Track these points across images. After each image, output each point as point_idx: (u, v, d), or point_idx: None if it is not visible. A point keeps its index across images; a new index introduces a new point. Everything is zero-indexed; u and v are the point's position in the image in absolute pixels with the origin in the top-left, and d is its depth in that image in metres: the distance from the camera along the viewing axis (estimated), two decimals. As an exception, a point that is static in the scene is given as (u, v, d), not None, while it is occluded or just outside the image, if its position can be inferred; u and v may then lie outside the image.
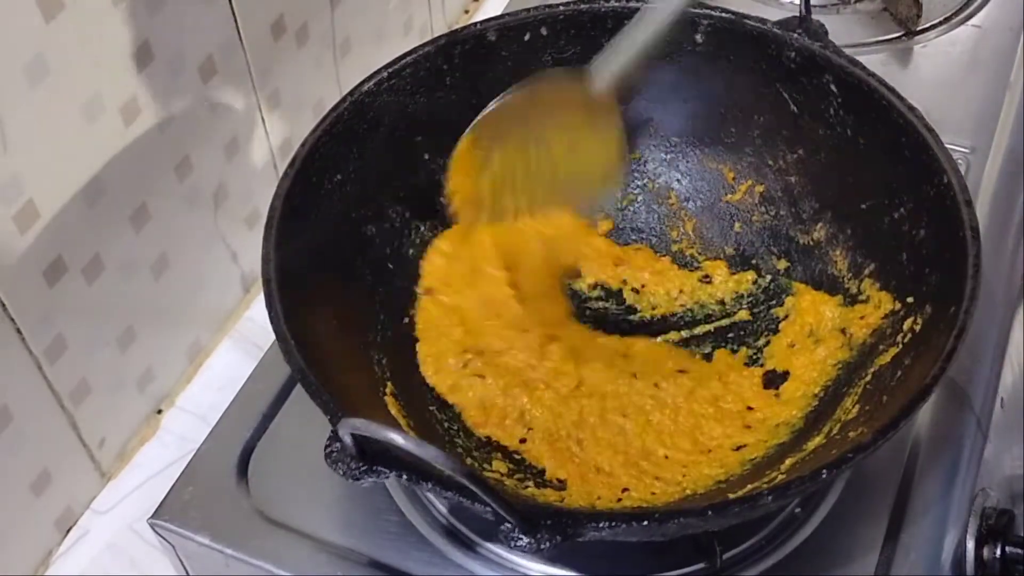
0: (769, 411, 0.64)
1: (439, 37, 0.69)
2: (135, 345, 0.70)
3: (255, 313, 0.79)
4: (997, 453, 0.68)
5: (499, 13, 0.70)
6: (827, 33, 0.66)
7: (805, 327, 0.67)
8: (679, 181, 0.74)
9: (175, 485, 0.66)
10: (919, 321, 0.60)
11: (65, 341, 0.64)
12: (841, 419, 0.60)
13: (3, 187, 0.57)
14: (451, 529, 0.63)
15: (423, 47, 0.68)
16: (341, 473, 0.48)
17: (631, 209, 0.74)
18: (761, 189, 0.71)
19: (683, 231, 0.74)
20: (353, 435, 0.47)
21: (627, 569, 0.61)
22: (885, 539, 0.62)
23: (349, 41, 0.83)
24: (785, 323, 0.68)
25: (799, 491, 0.51)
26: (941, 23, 0.92)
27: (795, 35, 0.66)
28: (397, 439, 0.44)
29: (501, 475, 0.62)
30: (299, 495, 0.65)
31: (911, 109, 0.62)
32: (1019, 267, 0.75)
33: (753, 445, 0.63)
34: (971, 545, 0.62)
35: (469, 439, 0.64)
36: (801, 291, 0.69)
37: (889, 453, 0.64)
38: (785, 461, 0.60)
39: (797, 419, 0.63)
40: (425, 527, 0.63)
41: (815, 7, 0.66)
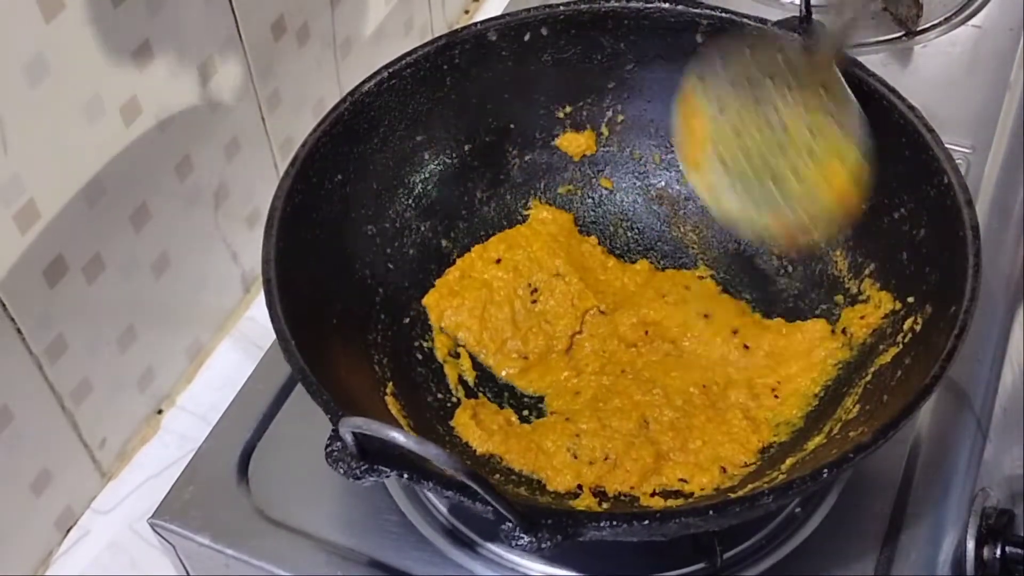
0: (769, 411, 0.64)
1: (439, 37, 0.69)
2: (135, 345, 0.70)
3: (255, 313, 0.79)
4: (997, 453, 0.68)
5: (499, 13, 0.70)
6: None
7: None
8: (679, 182, 0.74)
9: (175, 485, 0.66)
10: (919, 321, 0.60)
11: (65, 341, 0.64)
12: (841, 419, 0.60)
13: (3, 187, 0.57)
14: (451, 529, 0.63)
15: (423, 47, 0.68)
16: (342, 472, 0.48)
17: (631, 210, 0.74)
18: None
19: (683, 231, 0.74)
20: (354, 434, 0.47)
21: (628, 569, 0.61)
22: (885, 539, 0.62)
23: (349, 41, 0.83)
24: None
25: (800, 491, 0.51)
26: (941, 23, 0.92)
27: (795, 35, 0.66)
28: (399, 438, 0.44)
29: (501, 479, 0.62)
30: (299, 495, 0.65)
31: (911, 109, 0.62)
32: (1019, 267, 0.75)
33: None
34: (971, 545, 0.62)
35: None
36: None
37: (889, 453, 0.64)
38: (786, 461, 0.60)
39: (797, 419, 0.63)
40: (425, 527, 0.63)
41: (815, 7, 0.66)
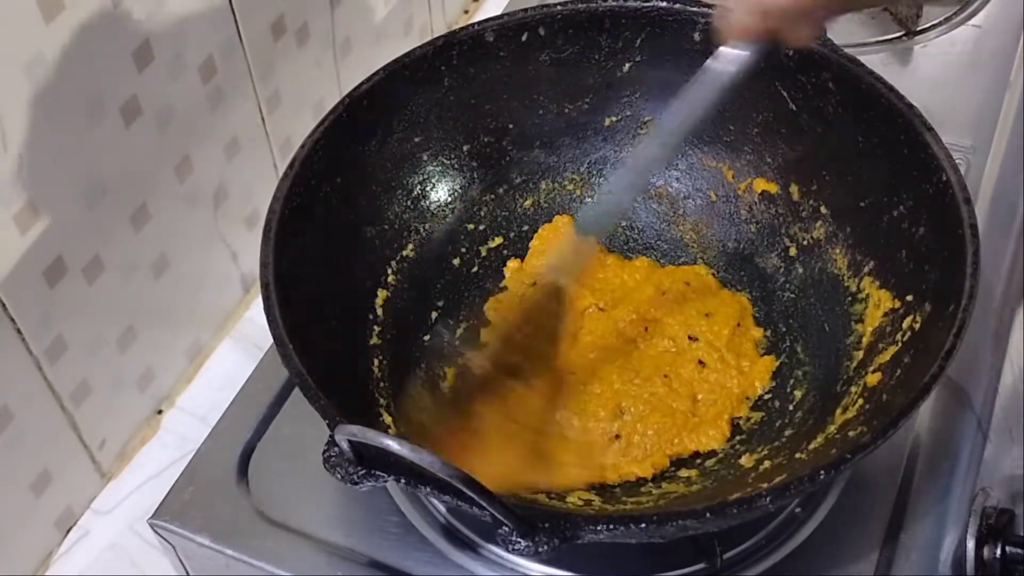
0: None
1: (437, 38, 0.69)
2: (135, 345, 0.70)
3: (255, 313, 0.79)
4: (997, 453, 0.68)
5: (498, 13, 0.70)
6: (826, 32, 0.66)
7: None
8: (678, 180, 0.74)
9: (175, 485, 0.66)
10: (918, 319, 0.60)
11: (65, 341, 0.64)
12: (841, 418, 0.60)
13: (3, 187, 0.57)
14: (451, 529, 0.63)
15: (422, 48, 0.68)
16: (339, 478, 0.48)
17: (631, 209, 0.74)
18: (760, 187, 0.71)
19: (683, 229, 0.74)
20: (350, 440, 0.47)
21: (627, 569, 0.61)
22: (885, 539, 0.62)
23: (349, 41, 0.83)
24: None
25: (799, 491, 0.51)
26: (941, 23, 0.92)
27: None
28: (392, 445, 0.44)
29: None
30: (299, 495, 0.65)
31: (910, 107, 0.62)
32: (1019, 266, 0.75)
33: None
34: (971, 545, 0.61)
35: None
36: None
37: (889, 453, 0.64)
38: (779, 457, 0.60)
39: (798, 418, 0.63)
40: (425, 527, 0.63)
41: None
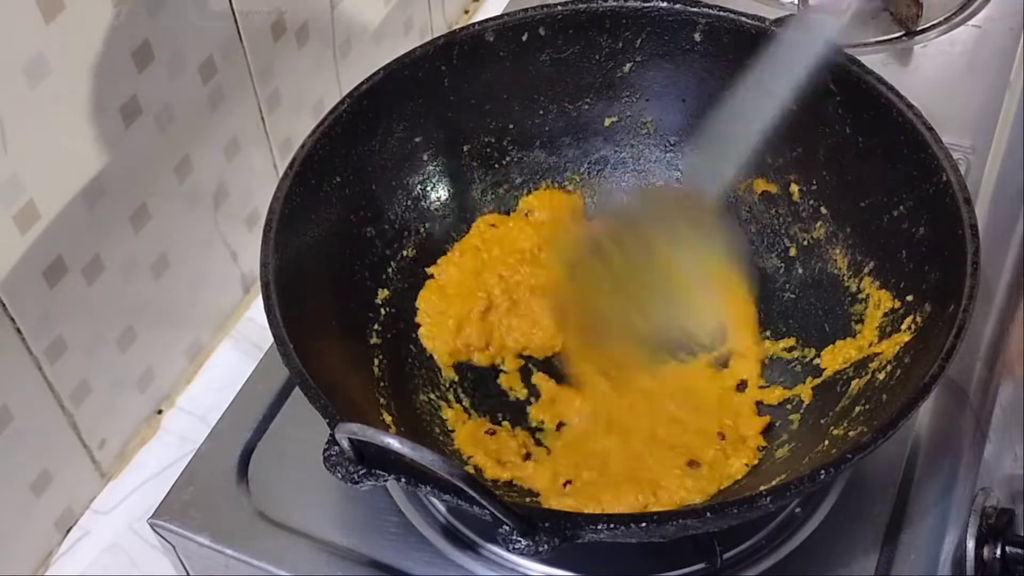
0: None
1: (438, 38, 0.69)
2: (135, 345, 0.70)
3: (255, 313, 0.79)
4: (997, 453, 0.68)
5: (499, 13, 0.70)
6: (825, 32, 0.66)
7: None
8: (679, 181, 0.74)
9: (175, 485, 0.66)
10: (919, 319, 0.60)
11: (65, 341, 0.64)
12: (840, 418, 0.60)
13: (3, 187, 0.57)
14: (451, 529, 0.63)
15: (422, 48, 0.68)
16: (339, 477, 0.48)
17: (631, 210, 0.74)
18: (760, 188, 0.71)
19: (682, 231, 0.74)
20: (351, 439, 0.47)
21: (627, 569, 0.61)
22: (885, 539, 0.62)
23: (349, 41, 0.83)
24: None
25: (799, 491, 0.51)
26: (941, 23, 0.92)
27: (789, 32, 0.66)
28: (393, 443, 0.44)
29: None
30: (299, 495, 0.65)
31: (910, 107, 0.62)
32: (1019, 266, 0.75)
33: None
34: (971, 545, 0.61)
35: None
36: None
37: (889, 453, 0.64)
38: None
39: (797, 418, 0.63)
40: (425, 527, 0.63)
41: (812, 7, 0.66)
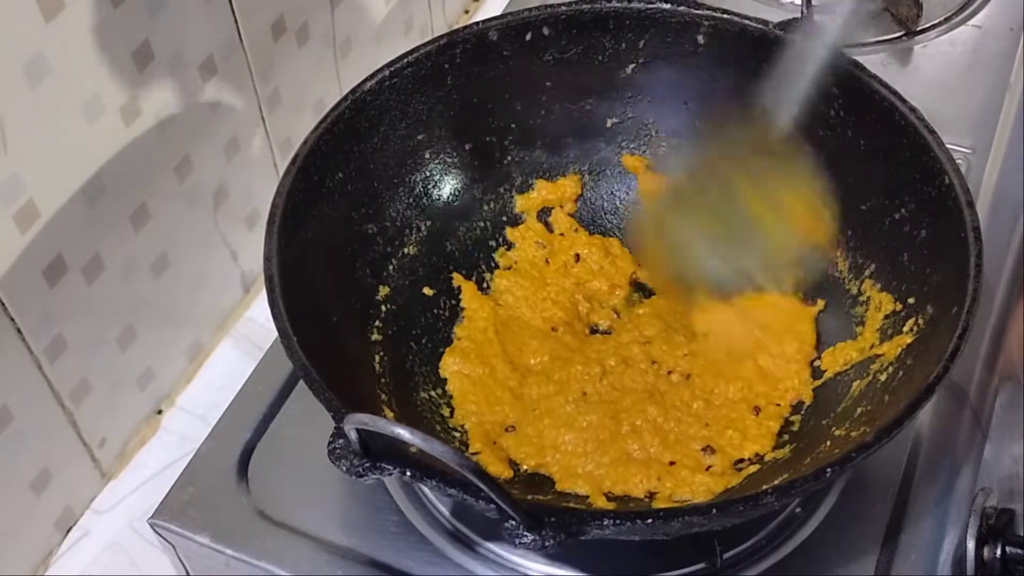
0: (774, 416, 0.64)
1: (440, 36, 0.69)
2: (135, 345, 0.70)
3: (255, 313, 0.79)
4: (997, 453, 0.68)
5: (500, 13, 0.70)
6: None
7: None
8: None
9: (175, 485, 0.66)
10: (921, 322, 0.60)
11: (65, 341, 0.64)
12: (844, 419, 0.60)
13: (3, 187, 0.57)
14: (451, 529, 0.63)
15: (424, 46, 0.68)
16: (344, 470, 0.48)
17: (632, 210, 0.74)
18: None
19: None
20: (358, 431, 0.47)
21: (628, 568, 0.61)
22: (885, 539, 0.62)
23: (349, 41, 0.83)
24: None
25: (801, 491, 0.51)
26: (941, 23, 0.92)
27: (796, 36, 0.66)
28: (404, 434, 0.44)
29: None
30: (299, 495, 0.65)
31: (912, 110, 0.62)
32: (1019, 267, 0.75)
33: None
34: (971, 545, 0.62)
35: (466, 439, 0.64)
36: None
37: (889, 453, 0.64)
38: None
39: (798, 419, 0.63)
40: (425, 527, 0.63)
41: (816, 8, 0.66)
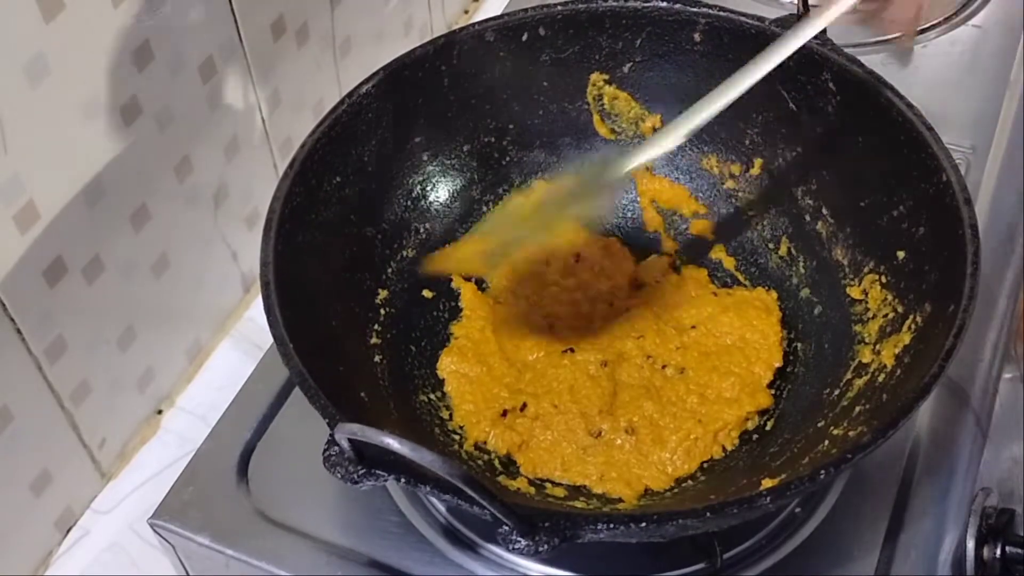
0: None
1: (438, 38, 0.69)
2: (135, 345, 0.70)
3: (255, 313, 0.79)
4: (997, 453, 0.68)
5: (498, 13, 0.70)
6: (825, 31, 0.66)
7: None
8: (678, 180, 0.74)
9: (175, 485, 0.66)
10: (919, 319, 0.60)
11: (65, 341, 0.64)
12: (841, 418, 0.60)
13: (3, 187, 0.57)
14: (451, 529, 0.63)
15: (422, 48, 0.68)
16: (339, 477, 0.48)
17: (631, 208, 0.75)
18: (760, 188, 0.71)
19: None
20: (350, 439, 0.47)
21: (627, 569, 0.61)
22: (885, 539, 0.62)
23: (349, 41, 0.83)
24: None
25: (799, 491, 0.51)
26: (941, 23, 0.92)
27: (793, 34, 0.66)
28: (393, 444, 0.44)
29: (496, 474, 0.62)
30: (299, 495, 0.65)
31: (910, 107, 0.62)
32: (1019, 266, 0.75)
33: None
34: (971, 545, 0.62)
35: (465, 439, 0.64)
36: None
37: (889, 453, 0.64)
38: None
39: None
40: (425, 527, 0.63)
41: (813, 6, 0.66)
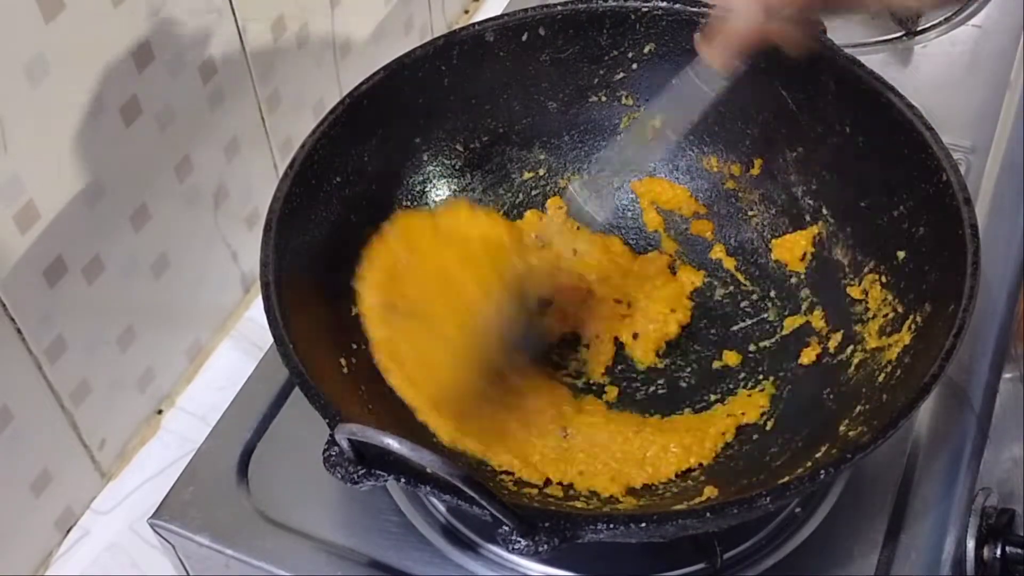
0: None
1: (438, 38, 0.69)
2: (135, 345, 0.70)
3: (255, 313, 0.79)
4: (997, 453, 0.68)
5: (498, 13, 0.70)
6: (825, 31, 0.66)
7: None
8: (679, 181, 0.74)
9: (175, 485, 0.66)
10: (919, 319, 0.60)
11: (65, 341, 0.64)
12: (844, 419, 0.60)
13: (3, 187, 0.57)
14: (451, 529, 0.63)
15: (422, 48, 0.68)
16: (339, 477, 0.48)
17: (631, 208, 0.74)
18: (760, 188, 0.71)
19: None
20: (350, 439, 0.47)
21: (628, 569, 0.61)
22: (885, 539, 0.62)
23: (349, 41, 0.83)
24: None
25: (799, 491, 0.51)
26: (941, 23, 0.92)
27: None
28: (393, 444, 0.44)
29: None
30: (299, 495, 0.65)
31: (910, 107, 0.62)
32: (1019, 266, 0.75)
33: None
34: (971, 545, 0.62)
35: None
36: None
37: (889, 453, 0.64)
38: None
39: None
40: (425, 527, 0.63)
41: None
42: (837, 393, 0.62)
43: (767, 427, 0.64)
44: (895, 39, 0.91)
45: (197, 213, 0.73)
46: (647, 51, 0.70)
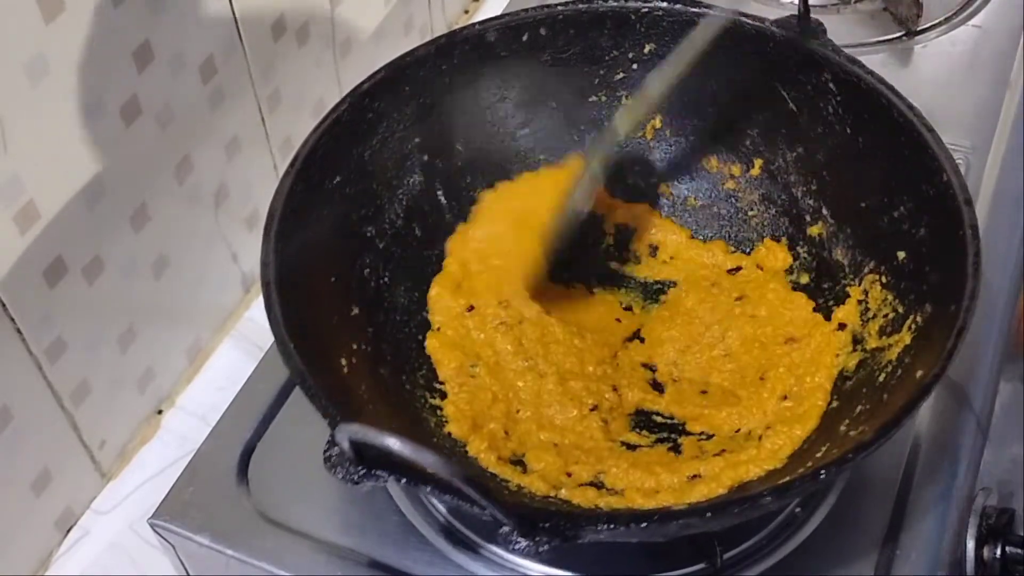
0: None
1: (439, 37, 0.69)
2: (135, 345, 0.70)
3: (255, 313, 0.79)
4: (997, 453, 0.68)
5: (499, 13, 0.70)
6: (825, 32, 0.66)
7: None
8: (678, 181, 0.74)
9: (175, 485, 0.66)
10: (919, 320, 0.60)
11: (65, 341, 0.64)
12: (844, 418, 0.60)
13: (3, 187, 0.57)
14: (451, 529, 0.63)
15: (423, 47, 0.68)
16: (340, 477, 0.48)
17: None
18: (760, 188, 0.71)
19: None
20: (351, 440, 0.47)
21: (628, 569, 0.61)
22: (885, 539, 0.62)
23: (349, 41, 0.83)
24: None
25: (799, 491, 0.51)
26: (941, 23, 0.92)
27: (793, 34, 0.66)
28: (394, 444, 0.44)
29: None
30: (299, 495, 0.65)
31: (910, 108, 0.62)
32: (1019, 266, 0.75)
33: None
34: (971, 545, 0.62)
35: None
36: None
37: (889, 453, 0.64)
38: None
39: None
40: (425, 527, 0.63)
41: (815, 6, 0.66)
42: (837, 393, 0.62)
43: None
44: (895, 39, 0.91)
45: (197, 213, 0.73)
46: (647, 51, 0.71)
